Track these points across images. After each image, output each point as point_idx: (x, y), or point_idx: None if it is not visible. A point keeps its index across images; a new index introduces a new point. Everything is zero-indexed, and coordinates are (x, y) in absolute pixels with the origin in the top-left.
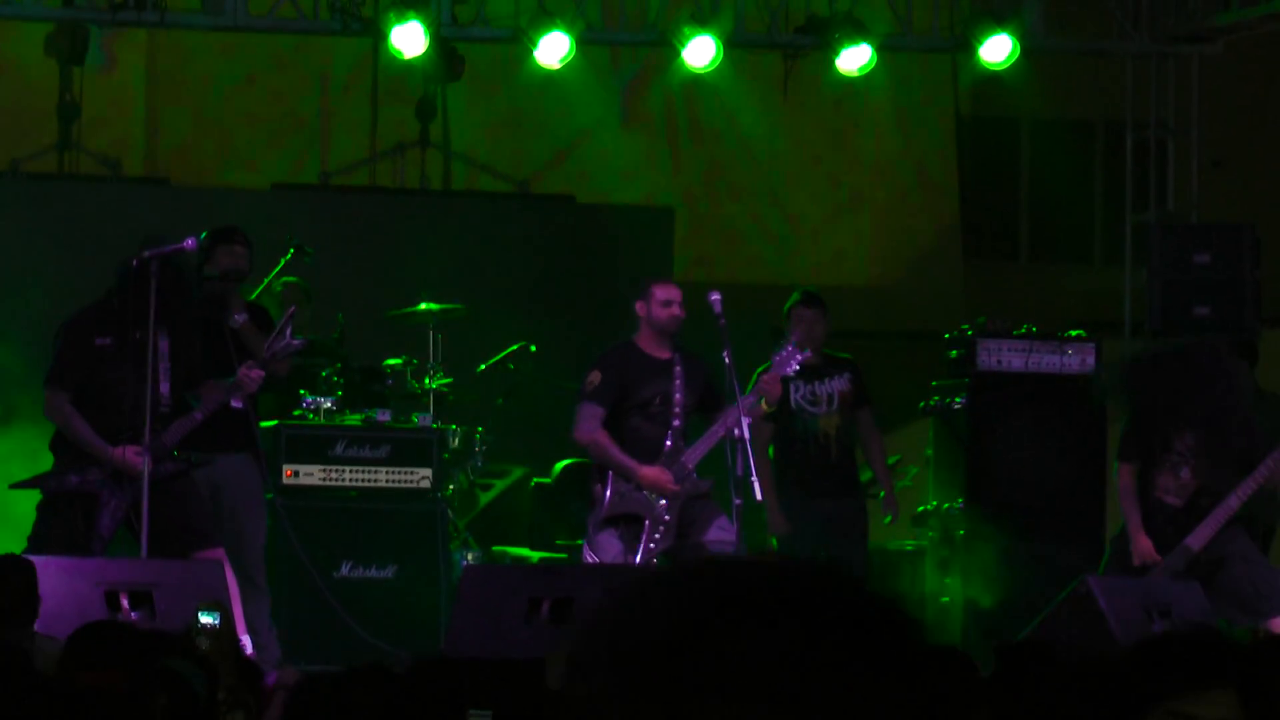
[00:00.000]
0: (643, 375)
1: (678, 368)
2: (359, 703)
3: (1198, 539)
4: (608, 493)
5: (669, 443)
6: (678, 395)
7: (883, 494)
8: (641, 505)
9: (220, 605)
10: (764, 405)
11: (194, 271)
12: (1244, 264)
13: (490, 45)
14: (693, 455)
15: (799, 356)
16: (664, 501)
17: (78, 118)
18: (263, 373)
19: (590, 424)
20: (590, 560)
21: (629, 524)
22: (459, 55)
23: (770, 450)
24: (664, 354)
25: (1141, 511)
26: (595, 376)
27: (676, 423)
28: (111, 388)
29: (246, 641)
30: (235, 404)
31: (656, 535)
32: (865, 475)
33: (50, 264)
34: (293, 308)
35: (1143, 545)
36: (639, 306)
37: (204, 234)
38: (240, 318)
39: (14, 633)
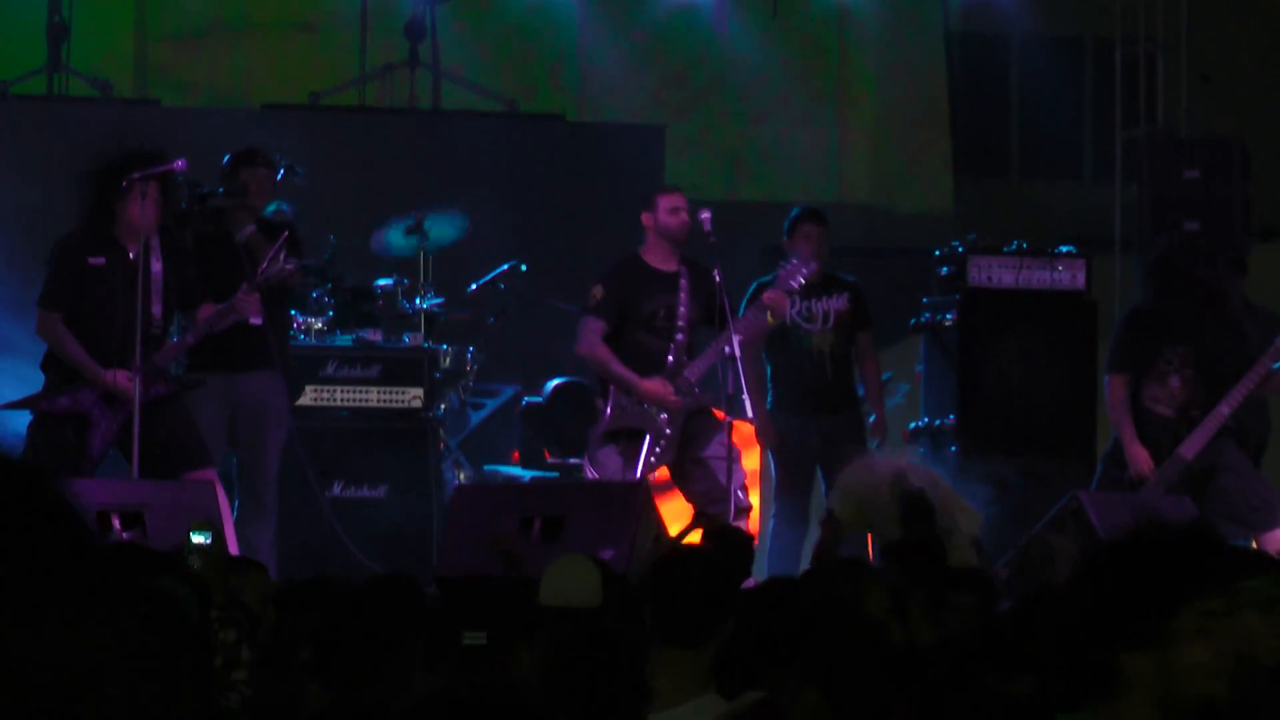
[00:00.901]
0: (646, 289)
1: (683, 280)
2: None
3: (1190, 448)
4: (608, 407)
5: (671, 358)
6: (681, 309)
7: (874, 417)
8: (642, 419)
9: (212, 525)
10: (769, 318)
11: (185, 192)
12: (1234, 178)
13: None
14: (695, 370)
15: (804, 270)
16: (664, 415)
17: (67, 39)
18: (257, 295)
19: (591, 338)
20: (591, 475)
21: (630, 439)
22: None
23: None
24: (670, 266)
25: (1133, 422)
26: (598, 290)
27: (680, 336)
28: (103, 308)
29: None
30: (254, 321)
31: (657, 449)
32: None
33: (40, 186)
34: (285, 232)
35: (1138, 455)
36: (645, 218)
37: (227, 156)
38: (247, 230)
39: None
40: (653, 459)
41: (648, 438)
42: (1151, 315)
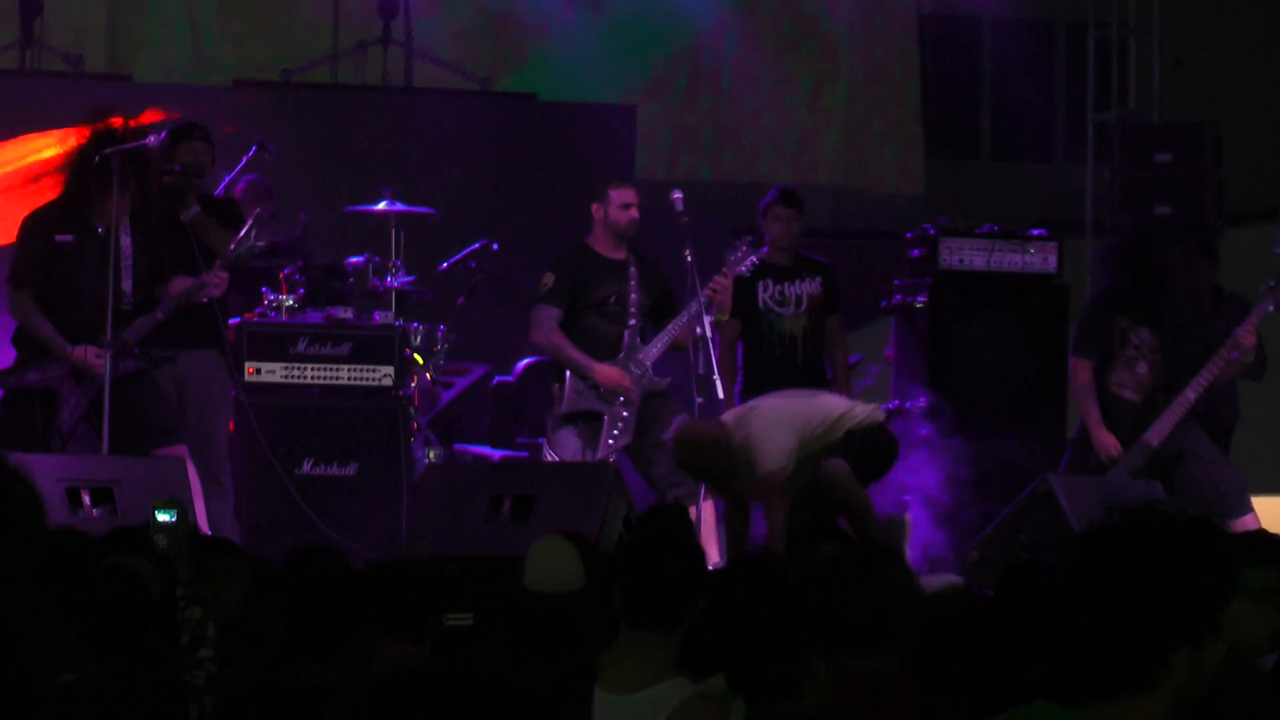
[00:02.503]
0: (597, 275)
1: (632, 268)
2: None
3: (1156, 434)
4: (565, 391)
5: (625, 341)
6: (633, 295)
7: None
8: (599, 403)
9: (177, 503)
10: (717, 313)
11: (155, 169)
12: (1205, 163)
13: None
14: (650, 353)
15: (753, 257)
16: (621, 398)
17: (39, 14)
18: (227, 275)
19: (546, 325)
20: (550, 458)
21: (587, 421)
22: None
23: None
24: (619, 255)
25: (1099, 407)
26: (549, 278)
27: (633, 321)
28: (72, 285)
29: None
30: (200, 299)
31: (615, 432)
32: None
33: None
34: (257, 209)
35: (1105, 440)
36: (595, 209)
37: (164, 133)
38: (193, 210)
39: None
40: (610, 441)
41: (605, 420)
42: (1117, 299)
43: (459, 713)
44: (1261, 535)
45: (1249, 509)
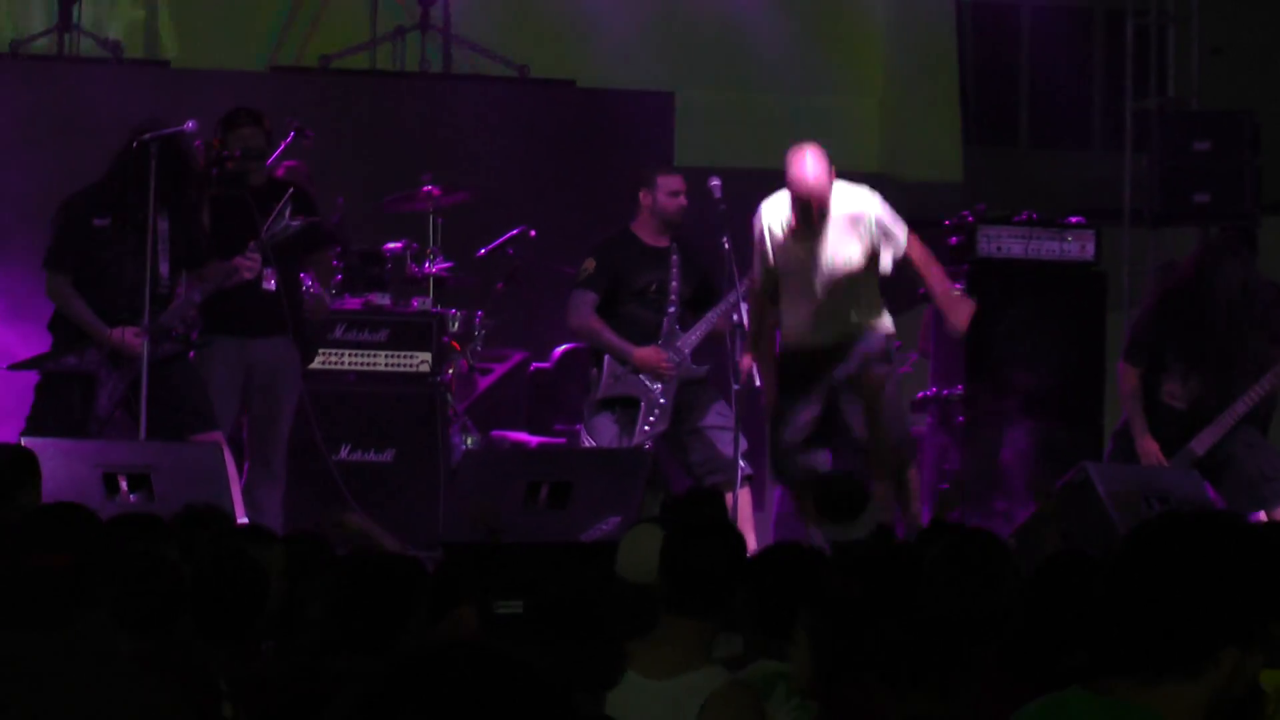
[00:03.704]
0: (638, 263)
1: (674, 256)
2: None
3: (1202, 443)
4: (603, 376)
5: (664, 328)
6: (674, 283)
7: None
8: (637, 388)
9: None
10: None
11: (196, 153)
12: (1244, 151)
13: None
14: (688, 341)
15: None
16: (659, 385)
17: (78, 0)
18: (259, 256)
19: (583, 310)
20: (587, 444)
21: (625, 407)
22: None
23: None
24: (661, 242)
25: (1146, 414)
26: (590, 264)
27: (672, 309)
28: (109, 269)
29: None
30: (268, 286)
31: (652, 418)
32: None
33: (50, 147)
34: (290, 190)
35: (1149, 448)
36: (643, 196)
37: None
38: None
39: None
40: (647, 427)
41: (642, 406)
42: (1175, 310)
43: (477, 693)
44: None
45: None
